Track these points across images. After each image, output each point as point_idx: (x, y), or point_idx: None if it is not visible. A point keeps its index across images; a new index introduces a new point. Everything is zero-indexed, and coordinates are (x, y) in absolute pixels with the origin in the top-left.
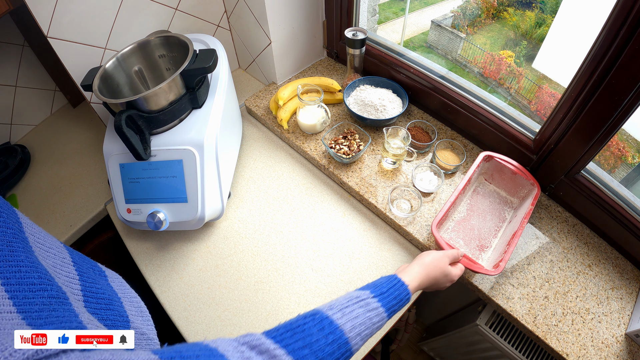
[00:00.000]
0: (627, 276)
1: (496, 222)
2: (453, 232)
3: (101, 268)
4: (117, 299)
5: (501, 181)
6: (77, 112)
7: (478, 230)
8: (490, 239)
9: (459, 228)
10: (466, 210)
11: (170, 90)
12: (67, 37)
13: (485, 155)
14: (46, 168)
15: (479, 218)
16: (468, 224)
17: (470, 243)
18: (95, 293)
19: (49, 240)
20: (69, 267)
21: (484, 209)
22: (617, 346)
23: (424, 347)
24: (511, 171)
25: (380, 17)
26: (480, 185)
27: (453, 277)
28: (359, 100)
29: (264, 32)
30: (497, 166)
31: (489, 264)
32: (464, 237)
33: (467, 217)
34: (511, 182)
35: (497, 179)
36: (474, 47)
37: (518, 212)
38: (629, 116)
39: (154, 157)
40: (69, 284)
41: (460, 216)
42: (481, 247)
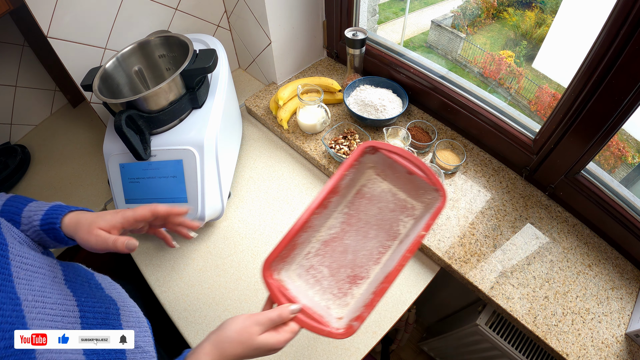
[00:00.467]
0: (627, 276)
1: (382, 240)
2: (316, 258)
3: (97, 280)
4: (114, 312)
5: (397, 179)
6: (77, 112)
7: (353, 253)
8: (369, 267)
9: (327, 251)
10: (340, 224)
11: (170, 90)
12: (67, 37)
13: (368, 146)
14: (46, 168)
15: (357, 235)
16: (340, 244)
17: (338, 273)
18: (92, 307)
19: (39, 260)
20: (61, 286)
21: (367, 220)
22: (617, 346)
23: (424, 347)
24: (406, 170)
25: (380, 17)
26: (368, 184)
27: (273, 347)
28: (359, 100)
29: (264, 32)
30: (386, 162)
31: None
32: (331, 265)
33: (340, 233)
34: (410, 182)
35: (391, 176)
36: (474, 47)
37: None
38: (629, 116)
39: (154, 157)
40: (63, 301)
41: (330, 233)
42: (353, 279)
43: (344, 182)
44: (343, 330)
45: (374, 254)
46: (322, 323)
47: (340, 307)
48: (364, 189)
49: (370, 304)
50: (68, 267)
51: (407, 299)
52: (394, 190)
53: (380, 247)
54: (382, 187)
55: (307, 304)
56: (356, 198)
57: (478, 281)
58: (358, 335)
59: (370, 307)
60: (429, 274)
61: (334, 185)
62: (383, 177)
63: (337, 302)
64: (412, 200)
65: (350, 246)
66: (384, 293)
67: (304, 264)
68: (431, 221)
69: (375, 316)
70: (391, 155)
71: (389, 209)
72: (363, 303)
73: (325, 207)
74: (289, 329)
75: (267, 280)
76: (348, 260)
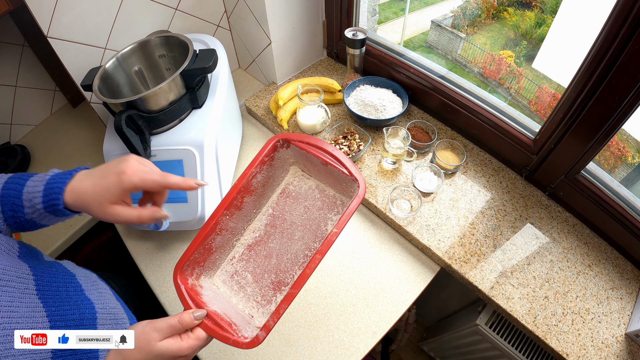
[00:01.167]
0: (627, 276)
1: (308, 241)
2: (240, 263)
3: (78, 282)
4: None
5: (320, 174)
6: (77, 112)
7: (277, 257)
8: (295, 272)
9: (251, 255)
10: (265, 226)
11: (170, 90)
12: (67, 37)
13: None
14: (46, 168)
15: (282, 237)
16: (264, 247)
17: (262, 279)
18: (64, 316)
19: (12, 272)
20: (31, 297)
21: (292, 220)
22: (617, 346)
23: (424, 347)
24: (320, 162)
25: (380, 17)
26: (294, 181)
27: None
28: (359, 100)
29: (264, 32)
30: (302, 155)
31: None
32: (255, 270)
33: (264, 236)
34: (331, 176)
35: (313, 170)
36: (474, 47)
37: None
38: (629, 116)
39: (154, 157)
40: (31, 313)
41: (254, 236)
42: (278, 285)
43: (258, 181)
44: (249, 340)
45: (299, 257)
46: (228, 331)
47: (263, 316)
48: (289, 187)
49: (276, 312)
50: (43, 274)
51: (407, 299)
52: (321, 187)
53: (306, 250)
54: (309, 184)
55: (221, 311)
56: (281, 197)
57: (478, 281)
58: (358, 335)
59: (276, 315)
60: (429, 274)
61: (241, 184)
62: (309, 173)
63: (260, 310)
64: (341, 196)
65: (274, 250)
66: (291, 300)
67: (228, 270)
68: (346, 217)
69: (375, 316)
70: (303, 146)
71: (316, 207)
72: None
73: (239, 208)
74: (195, 335)
75: (175, 284)
76: (272, 265)
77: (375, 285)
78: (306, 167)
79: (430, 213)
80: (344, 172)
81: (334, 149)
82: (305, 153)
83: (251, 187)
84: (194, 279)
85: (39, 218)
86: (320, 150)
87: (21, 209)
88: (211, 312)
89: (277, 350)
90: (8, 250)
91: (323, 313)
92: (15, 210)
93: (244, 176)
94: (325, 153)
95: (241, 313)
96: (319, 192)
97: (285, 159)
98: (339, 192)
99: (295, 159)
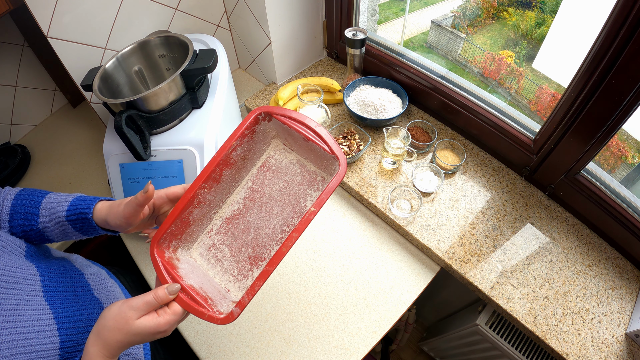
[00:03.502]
0: (627, 276)
1: (287, 217)
2: (218, 237)
3: (86, 280)
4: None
5: (302, 149)
6: (77, 112)
7: (255, 232)
8: (272, 247)
9: (229, 229)
10: (243, 200)
11: (170, 90)
12: (67, 37)
13: (261, 112)
14: (46, 168)
15: (260, 211)
16: (242, 221)
17: (239, 253)
18: (71, 317)
19: (18, 273)
20: (38, 299)
21: (272, 195)
22: (617, 346)
23: (424, 347)
24: (302, 137)
25: (380, 17)
26: (275, 154)
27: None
28: (359, 100)
29: (264, 32)
30: (284, 129)
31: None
32: (232, 244)
33: (243, 209)
34: (312, 151)
35: (295, 145)
36: (474, 47)
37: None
38: (629, 116)
39: (154, 157)
40: (37, 316)
41: (233, 210)
42: (254, 259)
43: (238, 154)
44: (224, 315)
45: (277, 232)
46: (203, 306)
47: (240, 290)
48: (269, 161)
49: (251, 289)
50: (50, 274)
51: (407, 299)
52: (302, 162)
53: (284, 226)
54: (290, 158)
55: (197, 285)
56: (261, 171)
57: (478, 281)
58: (358, 335)
59: (251, 291)
60: (429, 274)
61: (220, 157)
62: (290, 148)
63: (237, 284)
64: (322, 172)
65: (252, 224)
66: (267, 277)
67: (206, 242)
68: (325, 196)
69: (375, 316)
70: (285, 120)
71: (296, 183)
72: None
73: (218, 181)
74: (171, 310)
75: (152, 257)
76: (250, 239)
77: (375, 285)
78: (288, 141)
79: (430, 213)
80: (325, 149)
81: (317, 125)
82: (287, 128)
83: (230, 160)
84: (171, 251)
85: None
86: (301, 125)
87: (35, 217)
88: (186, 287)
89: (277, 350)
90: (15, 250)
91: (323, 313)
92: (28, 219)
93: (224, 149)
94: (307, 128)
95: (217, 287)
96: (299, 167)
97: (266, 132)
98: (320, 169)
99: (277, 133)
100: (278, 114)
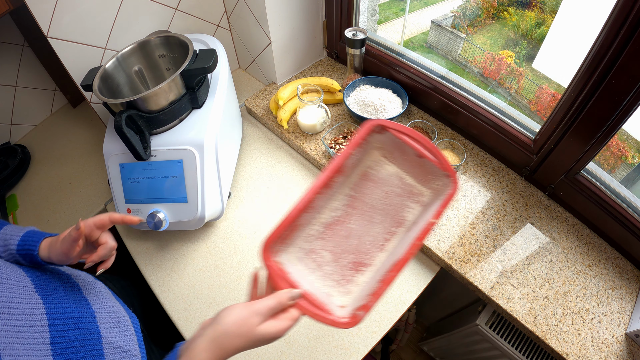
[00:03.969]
0: (627, 276)
1: (388, 226)
2: (318, 242)
3: (74, 281)
4: (88, 314)
5: (406, 162)
6: (77, 112)
7: (358, 238)
8: (374, 254)
9: (329, 235)
10: (344, 207)
11: (170, 90)
12: (67, 37)
13: (376, 125)
14: (46, 168)
15: (362, 219)
16: (344, 227)
17: (341, 259)
18: (62, 314)
19: (7, 272)
20: (31, 294)
21: (372, 204)
22: (617, 346)
23: (424, 347)
24: (416, 153)
25: (380, 17)
26: (375, 166)
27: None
28: (359, 100)
29: (264, 32)
30: (395, 143)
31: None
32: (334, 250)
33: (344, 216)
34: (419, 166)
35: (399, 159)
36: (474, 47)
37: (426, 214)
38: (629, 116)
39: (154, 157)
40: (30, 311)
41: (333, 216)
42: (357, 265)
43: (350, 162)
44: (348, 319)
45: (378, 240)
46: (325, 310)
47: (342, 295)
48: (369, 171)
49: (376, 293)
50: (38, 275)
51: (407, 299)
52: (401, 174)
53: (385, 234)
54: (389, 170)
55: (309, 290)
56: (361, 180)
57: (478, 281)
58: (358, 335)
59: (376, 295)
60: (429, 274)
61: (340, 164)
62: (390, 160)
63: (339, 289)
64: (419, 186)
65: (354, 231)
66: (391, 282)
67: (304, 247)
68: (442, 208)
69: (375, 316)
70: (400, 135)
71: (395, 194)
72: (368, 291)
73: (330, 187)
74: (289, 316)
75: (267, 263)
76: (352, 245)
77: None
78: (391, 154)
79: None
80: (438, 165)
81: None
82: (398, 141)
83: (342, 168)
84: (276, 256)
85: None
86: (416, 141)
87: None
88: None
89: (277, 350)
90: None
91: None
92: None
93: (345, 156)
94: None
95: (320, 291)
96: (398, 179)
97: (371, 143)
98: (419, 182)
99: (381, 145)
100: (393, 129)
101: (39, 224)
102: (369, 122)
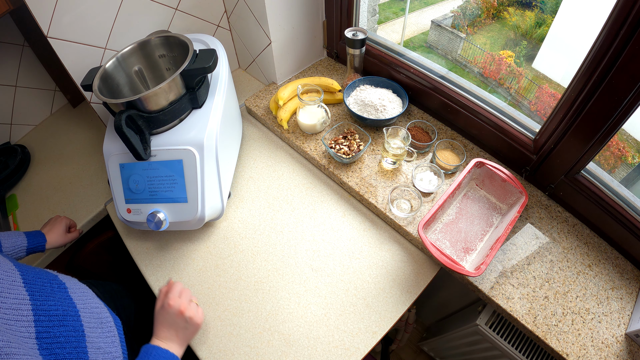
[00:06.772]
0: (627, 276)
1: (483, 226)
2: (440, 234)
3: (61, 280)
4: (73, 313)
5: (491, 187)
6: (77, 112)
7: (465, 233)
8: (476, 243)
9: (447, 230)
10: (455, 213)
11: (170, 90)
12: (67, 37)
13: (477, 161)
14: (46, 168)
15: (466, 221)
16: (456, 226)
17: (457, 245)
18: (47, 311)
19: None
20: (19, 289)
21: (472, 213)
22: (617, 346)
23: (424, 347)
24: (501, 178)
25: (380, 17)
26: (471, 190)
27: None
28: (359, 100)
29: (264, 32)
30: (487, 173)
31: (472, 266)
32: (451, 239)
33: (455, 219)
34: (501, 189)
35: (487, 184)
36: (474, 47)
37: (505, 219)
38: (629, 116)
39: (154, 157)
40: (17, 306)
41: (449, 219)
42: (466, 249)
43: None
44: (474, 271)
45: (478, 234)
46: (460, 266)
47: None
48: (468, 193)
49: (490, 253)
50: (29, 271)
51: (407, 299)
52: (487, 196)
53: (481, 231)
54: (480, 193)
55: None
56: (464, 199)
57: (478, 281)
58: (358, 335)
59: (491, 255)
60: (429, 274)
61: (459, 183)
62: (480, 187)
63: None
64: (499, 203)
65: (462, 228)
66: (500, 245)
67: (431, 238)
68: (520, 209)
69: (375, 316)
70: (492, 168)
71: (485, 208)
72: (483, 254)
73: (452, 196)
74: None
75: (422, 236)
76: (462, 237)
77: (375, 285)
78: (482, 182)
79: None
80: (515, 186)
81: (507, 171)
82: (492, 172)
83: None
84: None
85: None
86: (500, 171)
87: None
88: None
89: (277, 350)
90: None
91: (323, 313)
92: None
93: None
94: (504, 173)
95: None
96: (486, 199)
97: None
98: (499, 201)
99: (475, 175)
100: (488, 164)
101: (39, 224)
102: (474, 160)
